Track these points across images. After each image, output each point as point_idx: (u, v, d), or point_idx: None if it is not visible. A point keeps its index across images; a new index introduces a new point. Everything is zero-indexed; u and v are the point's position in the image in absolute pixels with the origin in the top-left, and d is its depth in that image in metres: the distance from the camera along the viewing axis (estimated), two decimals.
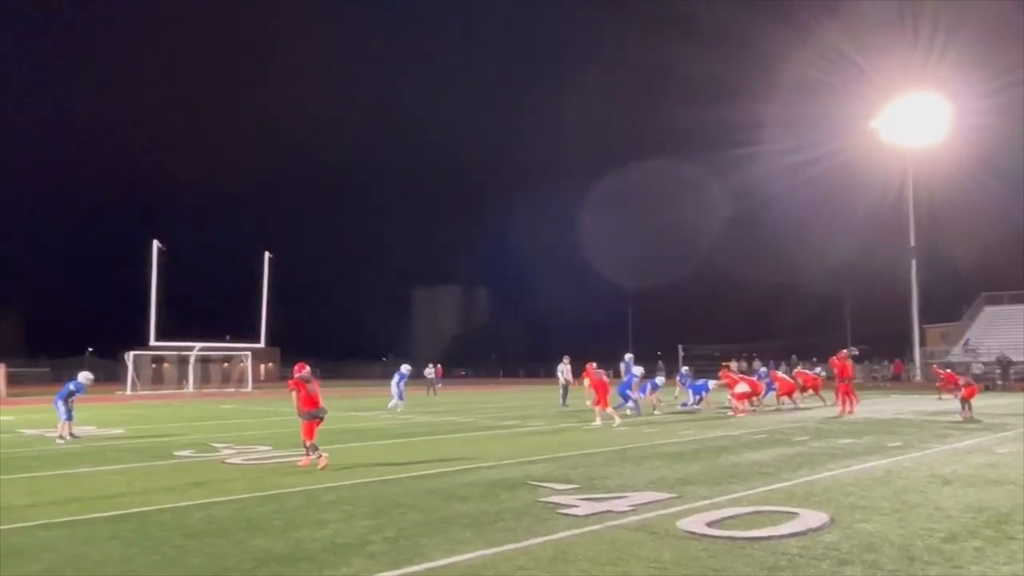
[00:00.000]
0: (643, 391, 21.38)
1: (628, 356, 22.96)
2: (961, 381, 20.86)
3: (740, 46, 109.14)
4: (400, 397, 23.97)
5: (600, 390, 17.80)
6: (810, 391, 24.88)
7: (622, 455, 12.31)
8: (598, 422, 17.68)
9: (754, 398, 22.33)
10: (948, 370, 24.98)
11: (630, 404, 20.66)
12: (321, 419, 11.30)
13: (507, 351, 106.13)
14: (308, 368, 11.47)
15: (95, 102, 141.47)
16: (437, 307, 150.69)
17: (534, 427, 18.23)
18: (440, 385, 41.21)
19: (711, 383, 23.58)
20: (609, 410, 17.91)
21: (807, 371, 27.34)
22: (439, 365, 43.22)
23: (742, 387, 21.40)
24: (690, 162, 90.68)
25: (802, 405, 23.89)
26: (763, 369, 27.94)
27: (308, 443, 11.02)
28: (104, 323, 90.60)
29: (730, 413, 20.92)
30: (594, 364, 18.52)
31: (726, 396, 22.45)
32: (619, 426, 17.13)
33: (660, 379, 23.56)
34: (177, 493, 9.07)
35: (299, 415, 11.23)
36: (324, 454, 10.92)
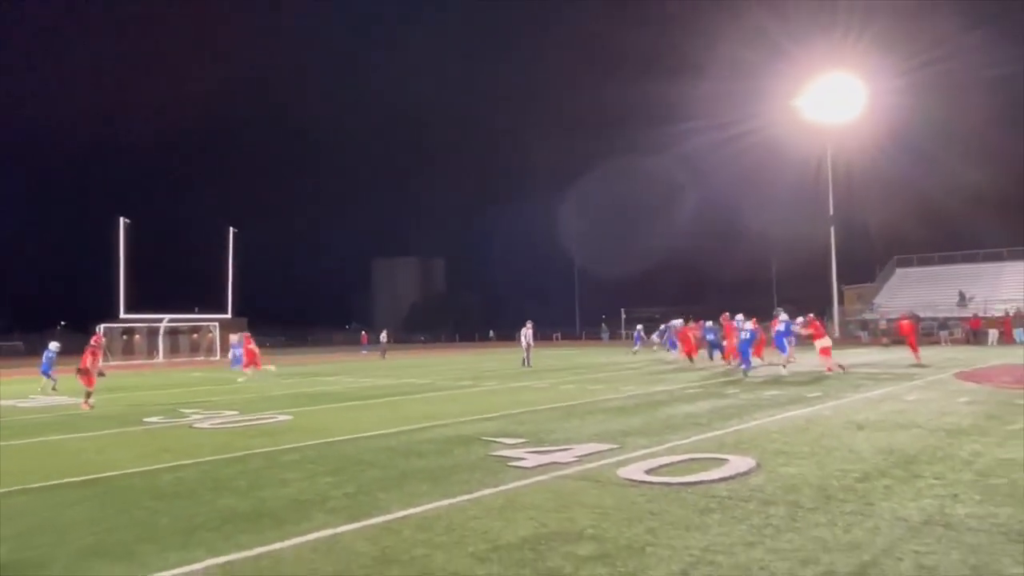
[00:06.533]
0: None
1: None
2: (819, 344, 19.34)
3: (671, 25, 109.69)
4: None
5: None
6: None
7: (568, 411, 12.40)
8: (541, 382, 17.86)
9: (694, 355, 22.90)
10: (812, 315, 23.78)
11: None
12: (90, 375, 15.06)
13: (463, 318, 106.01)
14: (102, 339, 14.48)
15: (63, 80, 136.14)
16: (397, 277, 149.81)
17: (488, 387, 18.26)
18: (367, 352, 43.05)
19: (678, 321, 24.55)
20: None
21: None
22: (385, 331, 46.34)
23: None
24: (629, 139, 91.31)
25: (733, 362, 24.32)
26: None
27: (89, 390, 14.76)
28: (75, 297, 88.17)
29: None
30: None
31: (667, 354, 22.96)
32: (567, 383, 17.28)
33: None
34: (146, 458, 8.86)
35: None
36: (91, 401, 14.09)
